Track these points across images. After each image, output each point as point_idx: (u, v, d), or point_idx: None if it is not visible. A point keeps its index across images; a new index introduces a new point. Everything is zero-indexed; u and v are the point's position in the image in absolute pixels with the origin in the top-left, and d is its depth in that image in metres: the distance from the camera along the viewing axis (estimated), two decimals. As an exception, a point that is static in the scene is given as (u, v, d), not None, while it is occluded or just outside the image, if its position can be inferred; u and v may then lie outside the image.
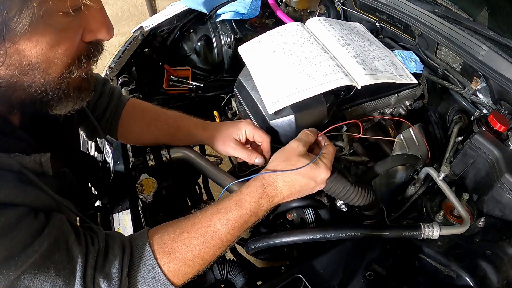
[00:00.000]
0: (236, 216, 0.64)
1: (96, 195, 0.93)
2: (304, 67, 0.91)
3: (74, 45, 0.51)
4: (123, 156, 0.97)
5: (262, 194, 0.66)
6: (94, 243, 0.57)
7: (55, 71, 0.50)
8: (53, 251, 0.51)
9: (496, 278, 0.71)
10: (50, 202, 0.55)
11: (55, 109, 0.57)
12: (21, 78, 0.49)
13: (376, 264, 0.70)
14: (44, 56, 0.48)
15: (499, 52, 0.89)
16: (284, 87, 0.87)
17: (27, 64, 0.47)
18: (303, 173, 0.68)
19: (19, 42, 0.44)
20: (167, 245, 0.60)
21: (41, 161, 0.54)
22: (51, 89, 0.53)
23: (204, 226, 0.62)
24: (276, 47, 1.00)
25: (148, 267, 0.58)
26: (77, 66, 0.52)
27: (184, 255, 0.60)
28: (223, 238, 0.63)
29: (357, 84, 0.88)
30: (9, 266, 0.46)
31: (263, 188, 0.67)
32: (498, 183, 0.79)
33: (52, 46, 0.47)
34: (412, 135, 1.00)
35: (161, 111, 0.92)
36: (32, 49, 0.46)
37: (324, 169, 0.69)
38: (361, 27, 1.19)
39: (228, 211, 0.64)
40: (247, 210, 0.65)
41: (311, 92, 0.84)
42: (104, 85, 0.87)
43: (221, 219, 0.63)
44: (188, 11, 1.45)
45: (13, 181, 0.49)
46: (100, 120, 0.87)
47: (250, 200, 0.65)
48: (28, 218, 0.50)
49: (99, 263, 0.55)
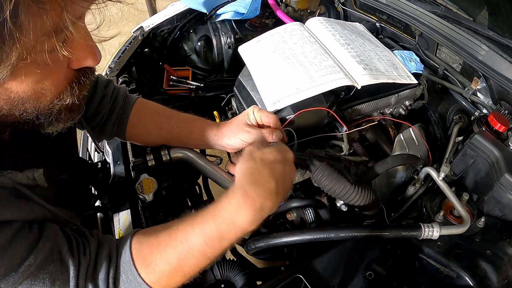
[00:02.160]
0: (214, 228, 0.59)
1: (96, 195, 0.93)
2: (304, 67, 0.91)
3: (61, 75, 0.50)
4: (123, 156, 0.97)
5: (238, 199, 0.60)
6: (85, 252, 0.58)
7: (45, 100, 0.50)
8: (47, 263, 0.52)
9: (496, 278, 0.71)
10: (45, 213, 0.56)
11: (46, 129, 0.57)
12: (11, 109, 0.49)
13: (376, 264, 0.71)
14: (32, 90, 0.47)
15: (499, 52, 0.89)
16: (284, 87, 0.87)
17: (16, 98, 0.47)
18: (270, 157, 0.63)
19: (4, 83, 0.44)
20: (145, 257, 0.59)
21: (34, 176, 0.54)
22: (42, 115, 0.52)
23: (180, 239, 0.59)
24: (276, 47, 1.00)
25: (129, 277, 0.58)
26: (69, 94, 0.52)
27: (161, 267, 0.58)
28: (201, 250, 0.59)
29: (357, 84, 0.88)
30: (8, 281, 0.48)
31: (241, 195, 0.60)
32: (498, 183, 0.79)
33: (38, 81, 0.47)
34: (412, 135, 1.00)
35: (172, 114, 0.89)
36: (18, 87, 0.46)
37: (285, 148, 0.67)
38: (361, 27, 1.19)
39: (205, 223, 0.60)
40: (224, 219, 0.59)
41: (311, 92, 0.84)
42: (107, 86, 0.85)
43: (197, 232, 0.59)
44: (188, 11, 1.45)
45: (7, 198, 0.50)
46: (106, 122, 0.85)
47: (225, 208, 0.60)
48: (22, 232, 0.51)
49: (89, 272, 0.56)
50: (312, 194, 0.88)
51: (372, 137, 1.03)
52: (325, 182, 0.74)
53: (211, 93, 1.35)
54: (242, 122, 0.83)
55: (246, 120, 0.83)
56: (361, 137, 1.05)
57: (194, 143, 0.89)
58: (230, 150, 0.88)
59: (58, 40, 0.43)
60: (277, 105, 0.84)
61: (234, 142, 0.84)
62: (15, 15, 0.37)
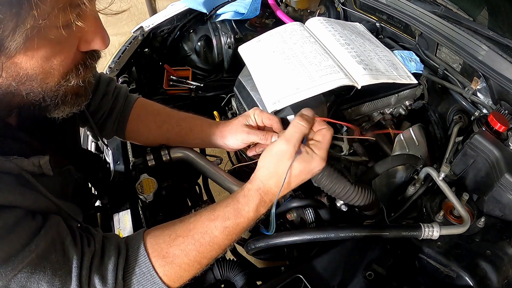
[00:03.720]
0: (234, 224, 0.64)
1: (96, 195, 0.93)
2: (304, 67, 0.91)
3: (70, 55, 0.51)
4: (123, 156, 0.97)
5: (260, 202, 0.65)
6: (90, 244, 0.58)
7: (52, 80, 0.51)
8: (49, 252, 0.52)
9: (496, 278, 0.71)
10: (48, 205, 0.56)
11: (52, 113, 0.58)
12: (19, 87, 0.49)
13: (376, 264, 0.71)
14: (40, 68, 0.48)
15: (499, 52, 0.89)
16: (284, 87, 0.87)
17: (24, 75, 0.48)
18: (296, 172, 0.65)
19: (15, 56, 0.45)
20: (162, 249, 0.60)
21: (40, 163, 0.54)
22: (48, 96, 0.53)
23: (200, 232, 0.62)
24: (276, 47, 1.00)
25: (143, 270, 0.58)
26: (75, 75, 0.53)
27: (180, 260, 0.60)
28: (220, 243, 0.63)
29: (357, 84, 0.88)
30: (7, 266, 0.47)
31: (259, 197, 0.65)
32: (498, 183, 0.79)
33: (48, 58, 0.48)
34: (412, 135, 1.00)
35: (172, 113, 0.90)
36: (28, 62, 0.46)
37: (317, 160, 0.65)
38: (361, 27, 1.19)
39: (226, 219, 0.63)
40: (245, 218, 0.64)
41: (311, 92, 0.84)
42: (109, 84, 0.85)
43: (218, 226, 0.63)
44: (188, 11, 1.45)
45: (12, 184, 0.50)
46: (106, 120, 0.86)
47: (248, 210, 0.65)
48: (25, 219, 0.51)
49: (94, 264, 0.56)
50: (312, 194, 0.88)
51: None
52: (325, 182, 0.74)
53: (211, 93, 1.35)
54: (241, 123, 0.83)
55: (245, 122, 0.83)
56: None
57: (193, 142, 0.90)
58: (229, 149, 0.88)
59: (72, 12, 0.44)
60: (277, 105, 0.84)
61: (232, 143, 0.84)
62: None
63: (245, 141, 0.82)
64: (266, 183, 0.65)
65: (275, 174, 0.65)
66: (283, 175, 0.64)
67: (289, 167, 0.64)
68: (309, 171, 0.66)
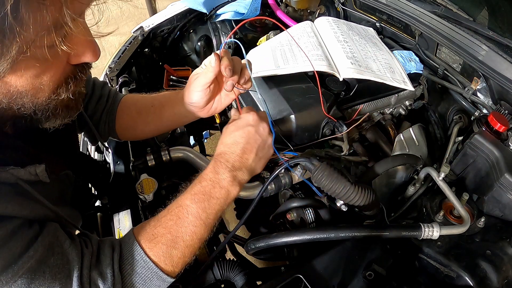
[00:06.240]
0: (199, 188, 0.67)
1: (96, 195, 0.93)
2: (293, 54, 0.94)
3: (60, 70, 0.51)
4: (123, 157, 0.97)
5: (216, 162, 0.70)
6: (88, 246, 0.60)
7: (42, 95, 0.51)
8: (47, 256, 0.53)
9: (496, 278, 0.71)
10: (46, 213, 0.57)
11: (44, 124, 0.58)
12: (10, 103, 0.50)
13: (376, 264, 0.70)
14: (30, 85, 0.48)
15: (499, 52, 0.89)
16: (268, 64, 0.91)
17: (14, 92, 0.48)
18: (235, 126, 0.73)
19: (4, 77, 0.45)
20: (148, 233, 0.63)
21: (37, 172, 0.55)
22: (39, 110, 0.53)
23: (175, 206, 0.66)
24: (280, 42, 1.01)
25: (136, 257, 0.61)
26: (65, 89, 0.53)
27: (164, 238, 0.62)
28: (195, 214, 0.65)
29: (339, 75, 0.90)
30: (7, 273, 0.48)
31: (215, 160, 0.71)
32: (498, 183, 0.79)
33: (37, 75, 0.48)
34: (412, 135, 1.00)
35: (149, 98, 0.91)
36: (17, 80, 0.46)
37: (244, 114, 0.75)
38: (371, 32, 1.20)
39: (192, 187, 0.68)
40: (207, 181, 0.68)
41: (288, 70, 0.87)
42: (103, 87, 0.88)
43: (187, 195, 0.67)
44: (188, 11, 1.45)
45: (10, 194, 0.50)
46: (99, 122, 0.87)
47: (206, 173, 0.70)
48: (23, 228, 0.52)
49: (93, 263, 0.58)
50: (312, 194, 0.88)
51: (372, 137, 1.04)
52: (325, 182, 0.74)
53: (211, 93, 1.35)
54: (194, 77, 0.79)
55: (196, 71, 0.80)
56: (361, 137, 1.05)
57: (171, 119, 0.89)
58: (199, 111, 0.84)
59: (57, 35, 0.44)
60: (256, 74, 0.88)
61: (196, 97, 0.79)
62: (16, 10, 0.38)
63: (203, 84, 0.77)
64: (218, 150, 0.73)
65: (221, 142, 0.74)
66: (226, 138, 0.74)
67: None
68: (244, 123, 0.74)
